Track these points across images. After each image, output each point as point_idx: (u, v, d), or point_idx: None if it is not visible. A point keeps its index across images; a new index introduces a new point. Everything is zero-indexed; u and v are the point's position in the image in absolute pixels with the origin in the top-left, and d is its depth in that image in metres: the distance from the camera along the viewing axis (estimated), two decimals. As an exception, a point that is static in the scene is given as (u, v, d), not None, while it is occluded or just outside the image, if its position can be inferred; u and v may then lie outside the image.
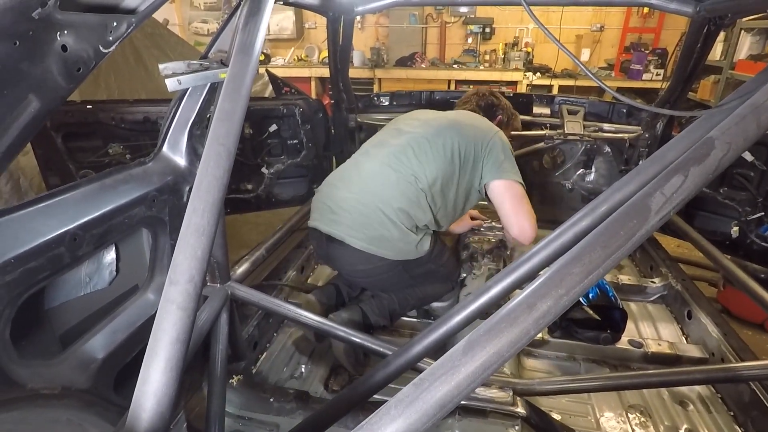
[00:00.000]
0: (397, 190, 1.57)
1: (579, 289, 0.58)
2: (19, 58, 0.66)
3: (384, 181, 1.59)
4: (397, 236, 1.56)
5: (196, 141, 1.23)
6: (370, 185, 1.61)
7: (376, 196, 1.57)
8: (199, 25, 6.37)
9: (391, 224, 1.55)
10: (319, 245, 1.70)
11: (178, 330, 0.65)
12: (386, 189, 1.58)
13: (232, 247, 1.43)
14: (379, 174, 1.61)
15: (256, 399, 1.34)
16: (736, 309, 2.51)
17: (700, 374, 1.36)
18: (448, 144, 1.61)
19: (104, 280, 1.09)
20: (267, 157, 2.44)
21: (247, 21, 1.00)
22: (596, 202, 0.90)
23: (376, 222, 1.55)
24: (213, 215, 0.75)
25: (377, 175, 1.61)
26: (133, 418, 0.60)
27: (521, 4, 1.14)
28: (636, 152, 2.48)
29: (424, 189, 1.58)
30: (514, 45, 5.80)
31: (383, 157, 1.64)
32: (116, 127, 2.07)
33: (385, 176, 1.60)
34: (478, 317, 0.96)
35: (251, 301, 1.40)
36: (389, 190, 1.58)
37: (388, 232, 1.55)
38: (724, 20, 1.83)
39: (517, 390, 1.25)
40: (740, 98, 0.79)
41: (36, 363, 0.88)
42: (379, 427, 0.50)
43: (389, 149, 1.66)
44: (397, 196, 1.57)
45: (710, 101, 4.82)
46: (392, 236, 1.55)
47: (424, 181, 1.58)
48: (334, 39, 2.33)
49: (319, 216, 1.66)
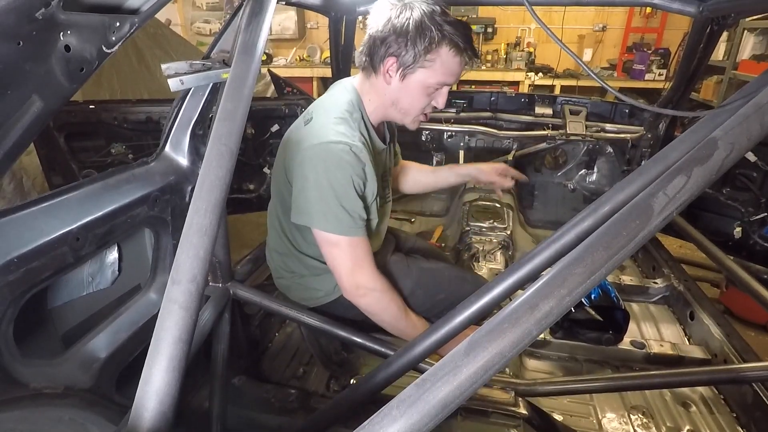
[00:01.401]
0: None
1: (581, 289, 0.58)
2: (23, 58, 0.66)
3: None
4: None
5: (199, 141, 1.23)
6: None
7: None
8: (201, 25, 6.38)
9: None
10: None
11: (180, 329, 0.65)
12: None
13: (234, 247, 1.43)
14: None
15: (258, 399, 1.34)
16: (738, 310, 2.50)
17: (702, 375, 1.36)
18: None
19: (107, 280, 1.09)
20: (269, 157, 2.44)
21: (250, 21, 1.00)
22: (598, 203, 0.90)
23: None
24: (215, 215, 0.75)
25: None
26: (136, 418, 0.60)
27: (523, 4, 1.14)
28: (638, 152, 2.48)
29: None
30: (516, 45, 5.80)
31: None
32: (119, 127, 2.08)
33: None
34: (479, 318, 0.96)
35: (253, 301, 1.40)
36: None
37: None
38: (727, 20, 1.83)
39: (518, 391, 1.25)
40: (743, 98, 0.79)
41: (39, 362, 0.88)
42: (381, 428, 0.50)
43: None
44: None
45: (713, 101, 4.80)
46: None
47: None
48: (336, 39, 2.33)
49: None
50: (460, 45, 1.17)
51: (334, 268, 1.24)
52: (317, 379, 1.61)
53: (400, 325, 1.32)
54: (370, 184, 1.23)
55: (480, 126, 2.80)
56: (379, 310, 1.29)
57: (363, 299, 1.26)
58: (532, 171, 2.90)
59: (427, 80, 1.21)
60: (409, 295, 1.41)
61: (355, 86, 1.31)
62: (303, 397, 1.32)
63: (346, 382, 1.57)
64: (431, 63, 1.18)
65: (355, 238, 1.20)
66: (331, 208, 1.16)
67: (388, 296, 1.28)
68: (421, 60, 1.17)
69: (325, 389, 1.56)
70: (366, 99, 1.30)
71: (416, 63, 1.18)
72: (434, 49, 1.16)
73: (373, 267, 1.25)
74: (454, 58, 1.19)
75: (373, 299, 1.26)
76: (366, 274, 1.23)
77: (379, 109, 1.31)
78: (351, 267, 1.22)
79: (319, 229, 1.20)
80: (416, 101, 1.25)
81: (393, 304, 1.29)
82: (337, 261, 1.23)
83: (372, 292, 1.25)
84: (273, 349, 1.74)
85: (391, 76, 1.21)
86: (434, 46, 1.16)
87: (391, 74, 1.21)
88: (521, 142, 2.82)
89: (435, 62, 1.18)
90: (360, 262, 1.22)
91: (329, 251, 1.23)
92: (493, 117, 2.82)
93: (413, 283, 1.44)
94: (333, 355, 1.61)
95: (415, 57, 1.17)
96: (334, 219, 1.17)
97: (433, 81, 1.21)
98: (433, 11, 1.15)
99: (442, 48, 1.17)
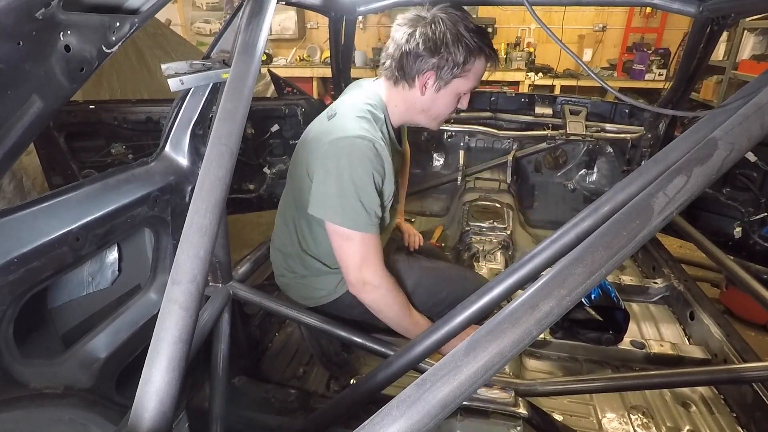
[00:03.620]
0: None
1: (581, 289, 0.58)
2: (23, 58, 0.66)
3: None
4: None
5: (199, 141, 1.23)
6: None
7: None
8: (201, 25, 6.37)
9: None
10: None
11: (180, 330, 0.65)
12: None
13: (234, 247, 1.43)
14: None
15: (258, 399, 1.34)
16: (738, 310, 2.50)
17: (702, 375, 1.36)
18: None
19: (107, 280, 1.09)
20: (269, 157, 2.44)
21: (250, 21, 1.00)
22: (598, 203, 0.90)
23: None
24: (215, 215, 0.75)
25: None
26: (136, 418, 0.60)
27: (523, 4, 1.14)
28: (638, 152, 2.48)
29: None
30: (516, 45, 5.79)
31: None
32: (119, 127, 2.08)
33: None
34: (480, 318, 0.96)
35: (253, 301, 1.40)
36: None
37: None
38: (727, 20, 1.83)
39: (519, 391, 1.25)
40: (743, 98, 0.79)
41: (39, 362, 0.88)
42: (381, 428, 0.50)
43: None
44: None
45: (713, 101, 4.80)
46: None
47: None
48: (336, 39, 2.33)
49: None
50: (488, 53, 1.23)
51: (343, 262, 1.25)
52: (317, 379, 1.61)
53: (404, 323, 1.32)
54: (388, 182, 1.24)
55: (480, 126, 2.80)
56: (383, 307, 1.29)
57: (368, 295, 1.26)
58: (532, 171, 2.90)
59: (461, 88, 1.26)
60: (411, 294, 1.41)
61: (378, 92, 1.32)
62: (303, 397, 1.32)
63: (346, 382, 1.57)
64: (467, 73, 1.22)
65: (367, 235, 1.20)
66: (349, 201, 1.16)
67: (393, 294, 1.28)
68: (459, 71, 1.21)
69: (325, 389, 1.56)
70: (392, 105, 1.32)
71: (454, 75, 1.22)
72: (471, 61, 1.21)
73: (382, 264, 1.26)
74: (484, 65, 1.25)
75: (378, 296, 1.27)
76: (373, 271, 1.24)
77: (404, 114, 1.34)
78: (360, 262, 1.22)
79: (335, 223, 1.20)
80: (448, 108, 1.30)
81: (397, 302, 1.29)
82: (346, 254, 1.23)
83: (377, 289, 1.26)
84: (273, 349, 1.74)
85: (427, 88, 1.25)
86: (472, 57, 1.20)
87: (427, 87, 1.24)
88: (521, 142, 2.82)
89: (470, 72, 1.23)
90: (369, 259, 1.23)
91: (340, 244, 1.23)
92: (493, 117, 2.83)
93: (415, 281, 1.44)
94: (333, 355, 1.61)
95: (453, 72, 1.21)
96: (352, 213, 1.17)
97: (465, 89, 1.26)
98: (458, 21, 1.18)
99: (478, 59, 1.22)
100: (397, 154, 1.42)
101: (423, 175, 3.05)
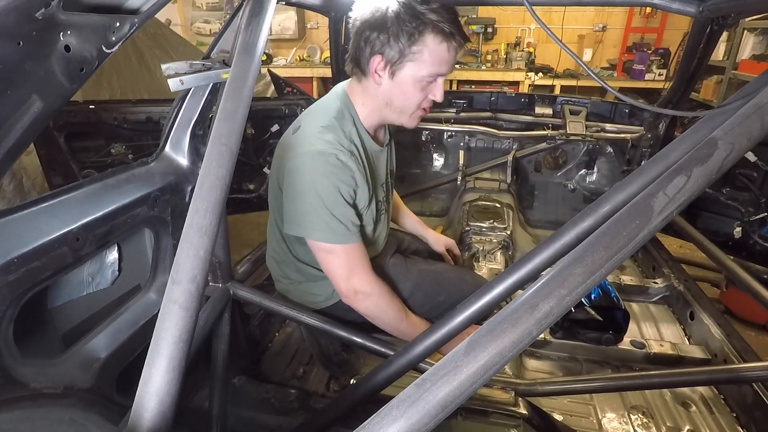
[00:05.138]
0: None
1: (581, 289, 0.58)
2: (23, 58, 0.66)
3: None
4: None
5: (199, 141, 1.23)
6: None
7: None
8: (201, 25, 6.38)
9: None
10: None
11: (180, 329, 0.65)
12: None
13: (234, 247, 1.43)
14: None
15: (258, 399, 1.34)
16: (738, 310, 2.50)
17: (702, 375, 1.36)
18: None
19: (107, 280, 1.09)
20: (269, 157, 2.44)
21: (250, 21, 1.00)
22: (598, 203, 0.90)
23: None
24: (215, 215, 0.75)
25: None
26: (136, 418, 0.60)
27: (523, 4, 1.14)
28: (638, 152, 2.48)
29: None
30: (516, 45, 5.80)
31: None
32: (119, 127, 2.08)
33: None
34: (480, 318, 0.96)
35: (253, 301, 1.40)
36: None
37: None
38: (727, 20, 1.83)
39: (518, 391, 1.25)
40: (743, 98, 0.79)
41: (39, 362, 0.88)
42: (381, 428, 0.50)
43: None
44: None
45: (713, 101, 4.80)
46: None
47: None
48: (336, 39, 2.33)
49: None
50: (446, 30, 1.11)
51: (331, 275, 1.24)
52: (317, 379, 1.61)
53: (401, 327, 1.31)
54: (361, 191, 1.21)
55: (480, 126, 2.80)
56: (378, 313, 1.28)
57: (361, 304, 1.25)
58: (532, 171, 2.90)
59: (417, 73, 1.15)
60: (408, 297, 1.40)
61: (347, 92, 1.28)
62: (303, 397, 1.32)
63: (346, 382, 1.57)
64: (418, 54, 1.12)
65: (349, 245, 1.19)
66: (321, 217, 1.14)
67: (386, 299, 1.27)
68: (408, 53, 1.12)
69: (325, 389, 1.56)
70: (359, 104, 1.26)
71: (403, 57, 1.13)
72: (418, 40, 1.10)
73: (370, 271, 1.24)
74: (441, 45, 1.12)
75: (371, 303, 1.26)
76: (362, 279, 1.22)
77: (374, 113, 1.27)
78: (347, 273, 1.21)
79: (314, 239, 1.18)
80: (410, 97, 1.20)
81: (392, 307, 1.28)
82: (332, 268, 1.22)
83: (370, 297, 1.24)
84: (273, 349, 1.74)
85: (381, 75, 1.17)
86: (417, 36, 1.10)
87: (380, 73, 1.17)
88: (521, 142, 2.82)
89: (422, 53, 1.12)
90: (356, 268, 1.21)
91: (324, 258, 1.22)
92: (493, 117, 2.83)
93: (413, 284, 1.44)
94: (333, 355, 1.61)
95: (401, 51, 1.12)
96: (326, 228, 1.15)
97: (424, 73, 1.15)
98: (411, 1, 1.10)
99: (427, 37, 1.10)
100: (381, 157, 1.38)
101: (423, 175, 3.05)
